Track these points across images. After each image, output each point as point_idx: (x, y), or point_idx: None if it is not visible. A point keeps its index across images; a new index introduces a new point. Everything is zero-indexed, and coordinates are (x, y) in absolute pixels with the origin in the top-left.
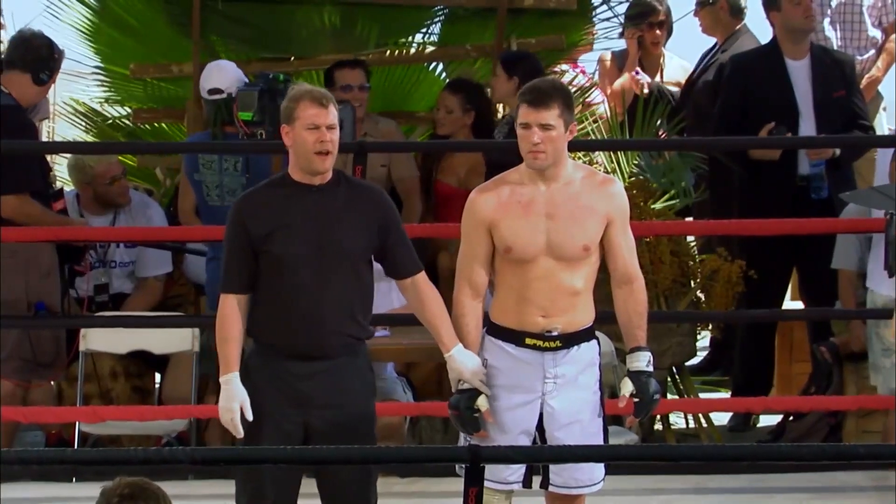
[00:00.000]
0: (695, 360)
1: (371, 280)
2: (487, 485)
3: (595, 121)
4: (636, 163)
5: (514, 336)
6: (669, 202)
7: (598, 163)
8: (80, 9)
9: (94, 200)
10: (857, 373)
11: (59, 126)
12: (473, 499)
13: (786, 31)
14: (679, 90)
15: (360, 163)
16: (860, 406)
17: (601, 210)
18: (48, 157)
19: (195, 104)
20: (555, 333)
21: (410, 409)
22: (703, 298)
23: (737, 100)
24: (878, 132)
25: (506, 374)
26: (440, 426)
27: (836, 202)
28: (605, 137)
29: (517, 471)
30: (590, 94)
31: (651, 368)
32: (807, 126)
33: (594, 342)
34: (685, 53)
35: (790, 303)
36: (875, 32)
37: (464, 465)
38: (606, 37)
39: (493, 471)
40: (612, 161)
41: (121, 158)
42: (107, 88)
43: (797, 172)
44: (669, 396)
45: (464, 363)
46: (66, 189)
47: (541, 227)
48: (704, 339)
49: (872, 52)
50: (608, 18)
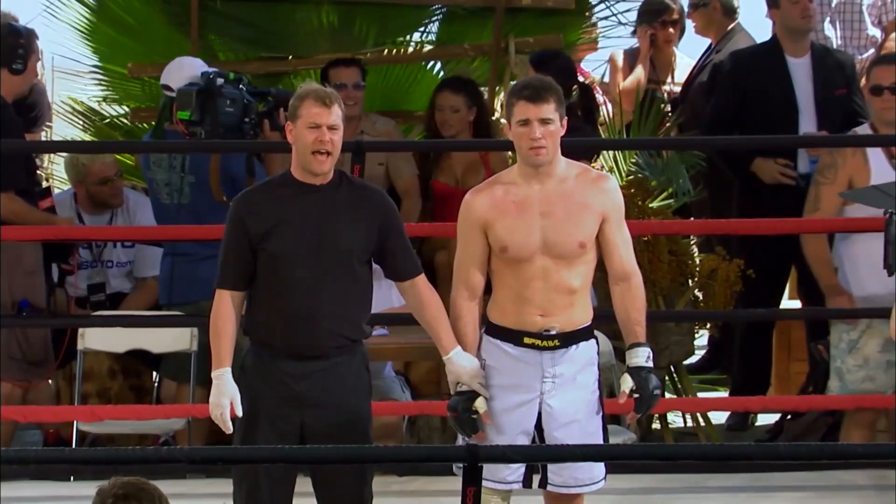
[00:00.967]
0: (693, 359)
1: (370, 281)
2: (487, 485)
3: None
4: (634, 161)
5: (513, 336)
6: (667, 201)
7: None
8: (79, 8)
9: (89, 199)
10: None
11: (57, 125)
12: (471, 498)
13: (784, 30)
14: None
15: (359, 162)
16: (858, 405)
17: (596, 207)
18: (39, 156)
19: None
20: (553, 333)
21: (409, 409)
22: (702, 297)
23: (734, 96)
24: None
25: (504, 374)
26: (438, 425)
27: None
28: (607, 136)
29: (517, 470)
30: None
31: (651, 364)
32: (807, 124)
33: (592, 341)
34: (691, 53)
35: (788, 302)
36: (875, 31)
37: (462, 465)
38: (605, 36)
39: (493, 471)
40: (610, 160)
41: (118, 157)
42: (105, 87)
43: (797, 171)
44: (668, 395)
45: (462, 365)
46: (64, 188)
47: (536, 226)
48: (702, 338)
49: (872, 52)
50: (606, 17)
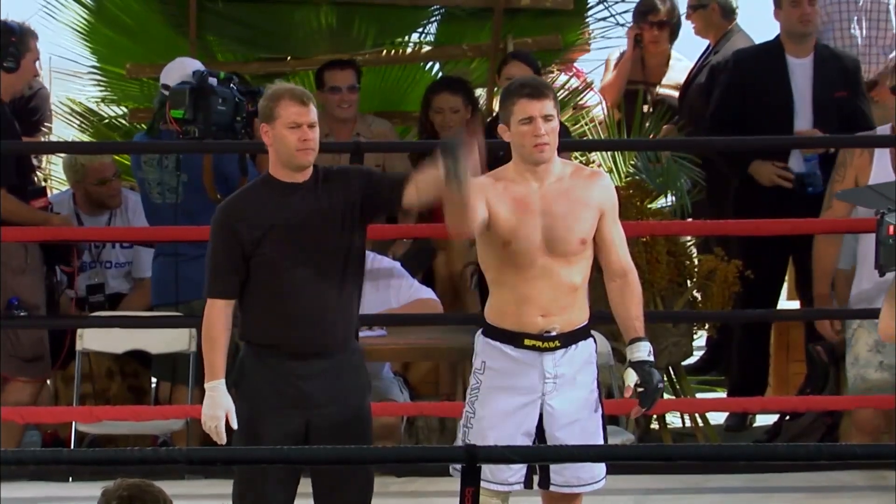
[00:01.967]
0: (691, 360)
1: (362, 276)
2: (489, 486)
3: (591, 121)
4: (633, 163)
5: (513, 337)
6: (665, 203)
7: (595, 161)
8: (77, 8)
9: (88, 200)
10: None
11: (55, 126)
12: (470, 499)
13: (785, 32)
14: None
15: (356, 162)
16: (857, 406)
17: (594, 202)
18: (37, 156)
19: None
20: (553, 333)
21: (407, 409)
22: (700, 298)
23: (735, 93)
24: None
25: (505, 376)
26: (436, 426)
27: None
28: (602, 138)
29: (518, 472)
30: (583, 97)
31: (652, 358)
32: (803, 123)
33: (590, 340)
34: (691, 54)
35: (786, 302)
36: None
37: (460, 466)
38: (604, 36)
39: (494, 472)
40: (609, 161)
41: (116, 158)
42: (103, 88)
43: (793, 171)
44: (666, 396)
45: None
46: (63, 188)
47: (537, 225)
48: (701, 339)
49: None
50: (604, 18)
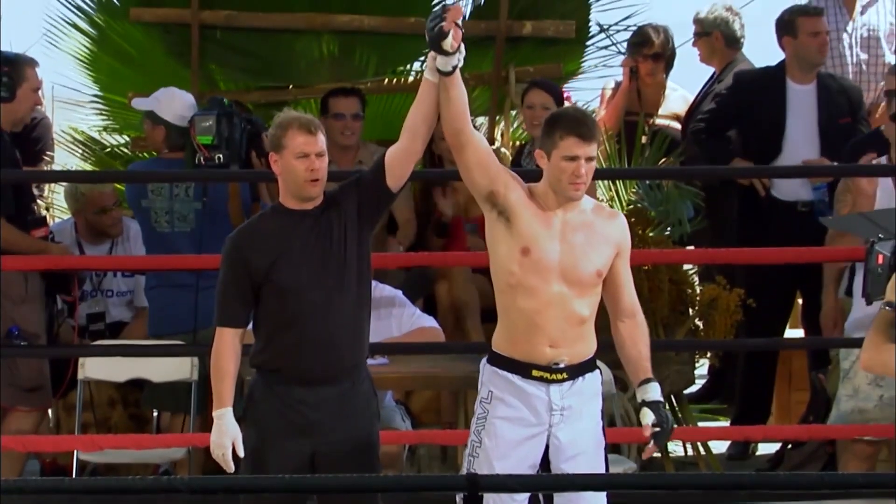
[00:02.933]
0: (693, 388)
1: (369, 301)
2: None
3: None
4: (634, 190)
5: (521, 367)
6: (666, 231)
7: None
8: (79, 37)
9: (89, 229)
10: None
11: (58, 154)
12: None
13: (795, 59)
14: (677, 122)
15: None
16: (858, 435)
17: (612, 240)
18: (39, 185)
19: None
20: (562, 365)
21: (409, 438)
22: (702, 326)
23: (729, 106)
24: None
25: (512, 406)
26: (439, 454)
27: None
28: (603, 166)
29: (521, 502)
30: None
31: (661, 398)
32: (811, 151)
33: (597, 372)
34: (690, 82)
35: (790, 331)
36: (892, 58)
37: (462, 494)
38: (606, 65)
39: (497, 501)
40: (611, 189)
41: (118, 187)
42: (105, 117)
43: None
44: None
45: None
46: (66, 217)
47: (556, 247)
48: (703, 367)
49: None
50: (606, 47)
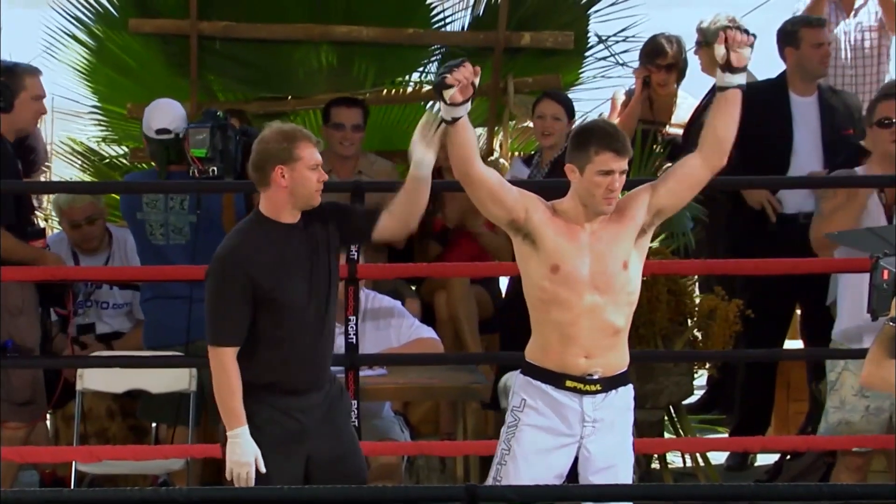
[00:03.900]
0: (692, 399)
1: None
2: None
3: None
4: None
5: (554, 378)
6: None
7: None
8: (78, 48)
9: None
10: None
11: (57, 165)
12: None
13: (797, 70)
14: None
15: (357, 202)
16: (857, 447)
17: (628, 219)
18: (38, 196)
19: None
20: (596, 377)
21: (407, 449)
22: (701, 337)
23: None
24: None
25: (544, 415)
26: (437, 465)
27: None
28: None
29: None
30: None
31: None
32: (814, 163)
33: (630, 387)
34: (693, 90)
35: (789, 342)
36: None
37: None
38: (604, 76)
39: None
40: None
41: (113, 198)
42: (104, 128)
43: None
44: (667, 435)
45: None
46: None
47: (585, 263)
48: (701, 378)
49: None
50: (604, 58)
